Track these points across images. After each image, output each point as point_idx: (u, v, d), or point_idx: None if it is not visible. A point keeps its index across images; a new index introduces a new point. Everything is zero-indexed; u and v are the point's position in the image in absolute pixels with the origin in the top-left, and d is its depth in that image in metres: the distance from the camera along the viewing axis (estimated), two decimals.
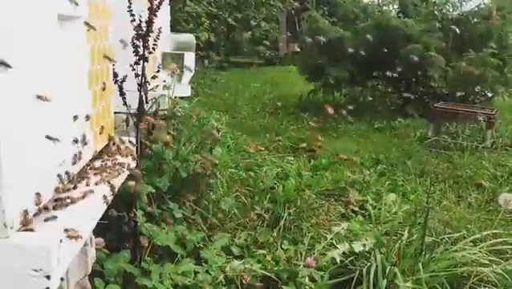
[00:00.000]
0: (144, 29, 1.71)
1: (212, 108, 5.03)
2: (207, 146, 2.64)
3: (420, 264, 1.96)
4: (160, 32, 1.84)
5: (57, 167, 1.06)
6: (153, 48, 1.79)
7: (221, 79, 9.35)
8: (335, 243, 2.29)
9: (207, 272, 1.93)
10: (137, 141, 1.73)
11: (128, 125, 1.97)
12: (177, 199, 2.29)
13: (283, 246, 2.33)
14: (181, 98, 2.69)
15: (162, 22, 2.15)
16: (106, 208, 1.19)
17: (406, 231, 2.30)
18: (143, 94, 1.82)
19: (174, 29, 5.69)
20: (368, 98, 6.77)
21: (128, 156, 1.43)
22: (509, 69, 6.47)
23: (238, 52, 12.39)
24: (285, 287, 1.96)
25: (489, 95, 6.31)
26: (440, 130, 5.10)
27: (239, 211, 2.58)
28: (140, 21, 1.70)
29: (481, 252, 2.15)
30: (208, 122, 2.96)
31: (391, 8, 8.22)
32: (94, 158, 1.32)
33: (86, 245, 1.24)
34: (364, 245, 2.18)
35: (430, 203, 3.04)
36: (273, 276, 2.00)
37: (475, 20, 6.73)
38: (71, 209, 1.01)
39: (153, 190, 2.06)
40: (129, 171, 1.39)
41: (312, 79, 7.00)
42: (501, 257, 2.19)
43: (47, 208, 0.98)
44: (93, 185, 1.16)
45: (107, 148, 1.44)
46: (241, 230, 2.46)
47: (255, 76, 10.16)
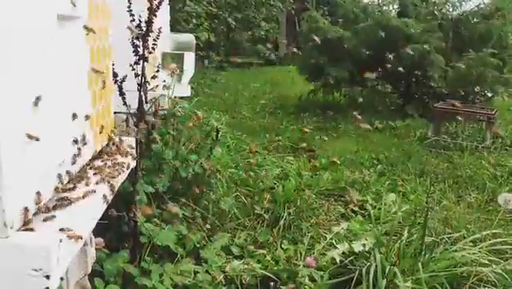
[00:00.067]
0: (144, 29, 1.71)
1: (212, 108, 5.04)
2: (207, 146, 2.64)
3: (419, 264, 1.96)
4: (159, 32, 1.84)
5: (57, 167, 1.06)
6: (153, 48, 1.79)
7: (221, 79, 9.35)
8: (335, 243, 2.29)
9: (207, 272, 1.94)
10: (137, 141, 1.73)
11: (128, 125, 1.97)
12: (177, 199, 2.29)
13: (283, 246, 2.33)
14: (181, 98, 2.69)
15: (162, 22, 2.15)
16: (106, 208, 1.19)
17: (406, 231, 2.30)
18: (143, 94, 1.82)
19: (174, 29, 5.68)
20: (369, 94, 6.75)
21: (128, 155, 1.43)
22: (508, 69, 6.48)
23: (238, 52, 12.38)
24: (284, 287, 1.96)
25: (488, 95, 6.31)
26: (440, 130, 5.10)
27: (239, 211, 2.58)
28: (140, 21, 1.71)
29: (480, 252, 2.16)
30: (208, 122, 2.97)
31: (391, 8, 8.23)
32: (94, 158, 1.32)
33: (86, 245, 1.24)
34: (364, 245, 2.18)
35: (430, 203, 3.04)
36: (273, 276, 2.00)
37: (475, 20, 6.74)
38: (71, 208, 1.01)
39: (153, 190, 2.06)
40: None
41: (312, 79, 7.00)
42: (500, 257, 2.20)
43: (47, 207, 0.98)
44: (93, 185, 1.16)
45: (106, 147, 1.44)
46: (240, 230, 2.47)
47: (255, 76, 10.17)
